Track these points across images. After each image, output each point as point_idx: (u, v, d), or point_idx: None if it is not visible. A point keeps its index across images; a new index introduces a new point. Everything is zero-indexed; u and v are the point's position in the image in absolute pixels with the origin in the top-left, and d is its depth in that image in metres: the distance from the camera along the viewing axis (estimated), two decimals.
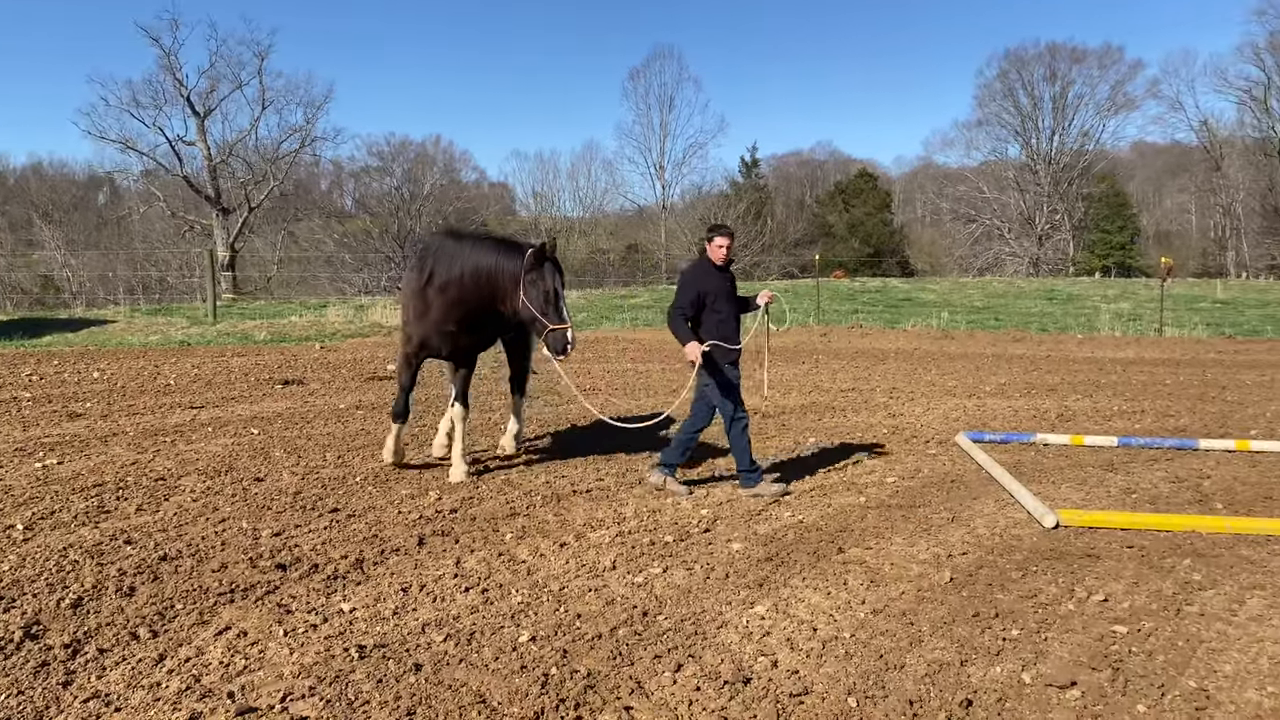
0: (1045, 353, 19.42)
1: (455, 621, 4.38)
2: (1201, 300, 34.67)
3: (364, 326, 21.14)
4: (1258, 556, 5.55)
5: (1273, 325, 26.50)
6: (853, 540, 5.88)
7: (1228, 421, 10.82)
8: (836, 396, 12.39)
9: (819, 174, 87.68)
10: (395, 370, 7.64)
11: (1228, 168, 69.07)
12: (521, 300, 6.71)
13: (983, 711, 3.60)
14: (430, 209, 66.46)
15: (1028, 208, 69.02)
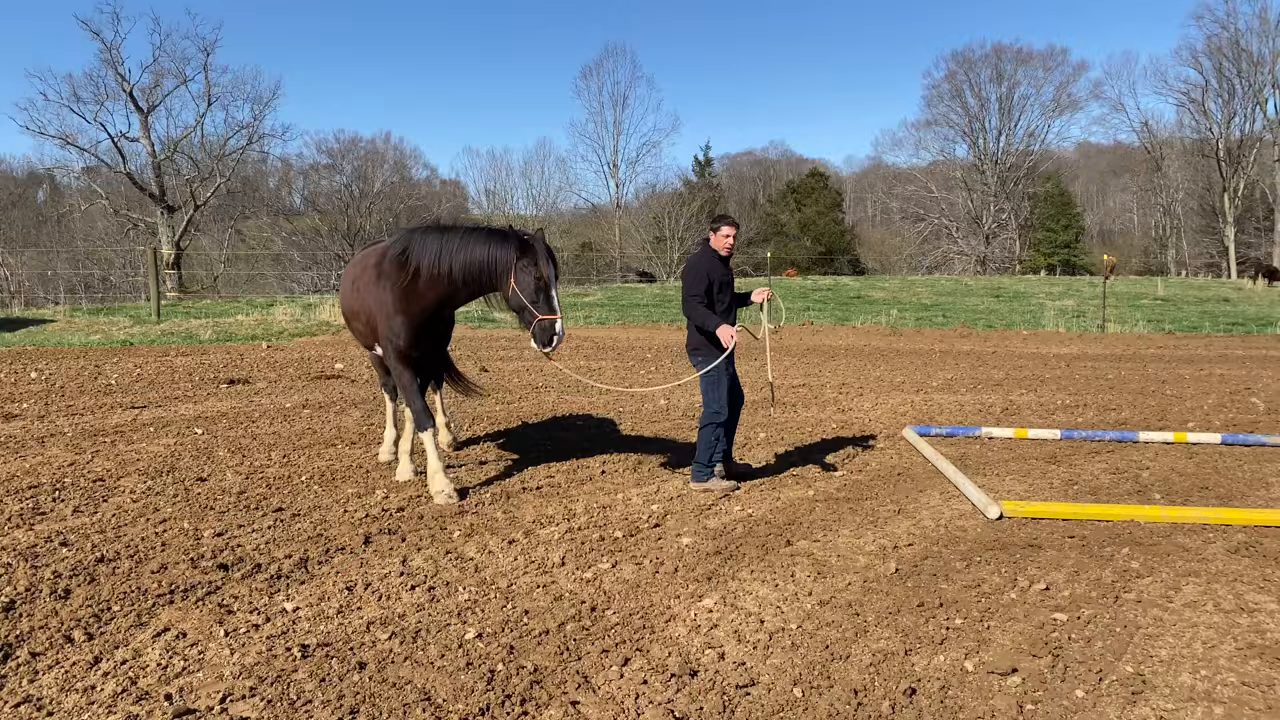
0: (991, 349, 19.73)
1: (401, 620, 4.33)
2: (1143, 297, 35.46)
3: (312, 325, 20.86)
4: (1193, 545, 5.68)
5: (1210, 321, 27.18)
6: (801, 533, 5.92)
7: (1166, 414, 11.07)
8: (787, 392, 12.47)
9: (771, 173, 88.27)
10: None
11: (1168, 168, 70.78)
12: (512, 288, 6.52)
13: (926, 700, 3.64)
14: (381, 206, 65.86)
15: (975, 207, 70.14)
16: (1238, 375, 15.21)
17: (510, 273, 6.49)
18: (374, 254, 7.12)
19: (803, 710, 3.54)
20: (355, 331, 7.61)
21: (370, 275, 6.95)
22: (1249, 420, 10.72)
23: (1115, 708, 3.57)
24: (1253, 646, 4.15)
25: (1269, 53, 63.70)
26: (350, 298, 7.38)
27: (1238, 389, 13.41)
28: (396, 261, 6.68)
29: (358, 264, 7.42)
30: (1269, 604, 4.67)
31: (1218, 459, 8.44)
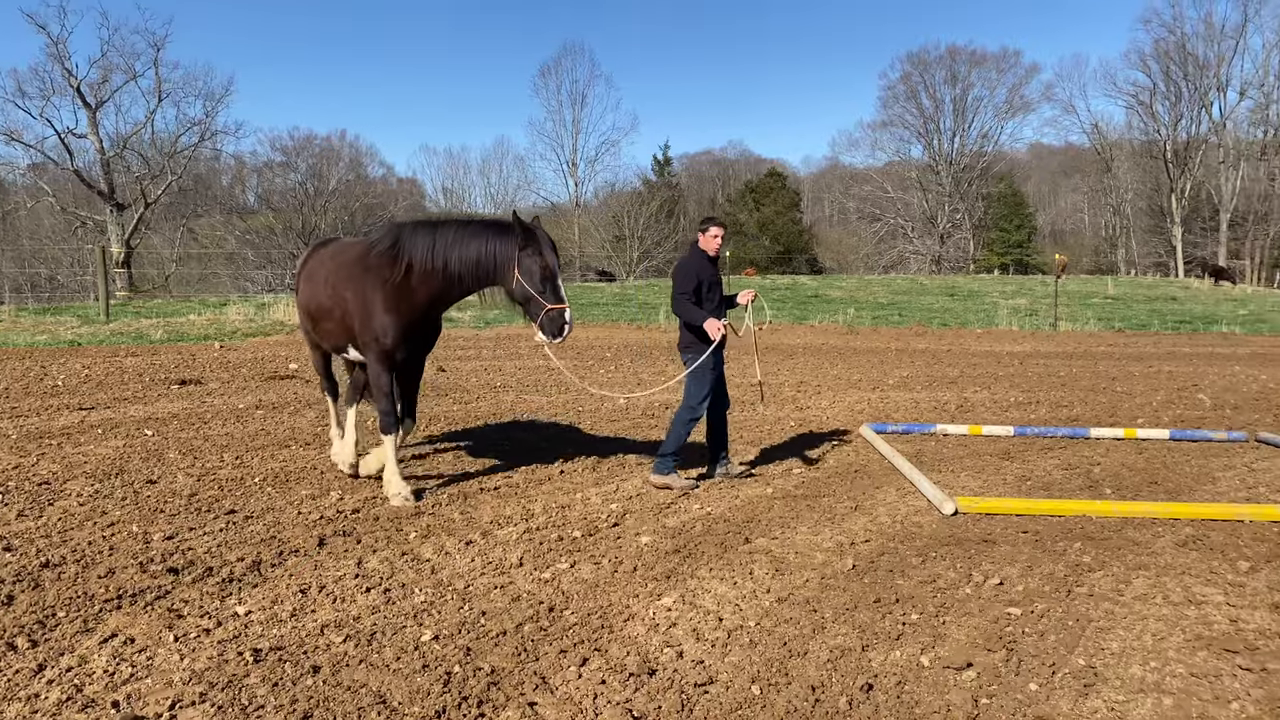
0: (946, 347, 19.96)
1: (356, 622, 4.27)
2: (1093, 296, 36.09)
3: (266, 325, 20.57)
4: (1143, 538, 5.78)
5: (1159, 320, 27.73)
6: (759, 530, 5.94)
7: (1117, 411, 11.27)
8: (746, 390, 12.50)
9: (730, 173, 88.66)
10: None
11: (1117, 169, 72.09)
12: (516, 280, 6.35)
13: (883, 695, 3.66)
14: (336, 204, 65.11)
15: (930, 207, 70.94)
16: (1185, 372, 15.53)
17: (513, 264, 6.34)
18: (353, 249, 6.84)
19: (761, 708, 3.54)
20: (324, 332, 7.05)
21: (351, 271, 6.62)
22: (1196, 416, 10.94)
23: (1068, 700, 3.62)
24: (1200, 638, 4.22)
25: (1214, 57, 65.16)
26: (320, 296, 6.92)
27: (1185, 385, 13.69)
28: (386, 257, 6.42)
29: (327, 260, 7.05)
30: (1215, 596, 4.76)
31: (1166, 454, 8.60)
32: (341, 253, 6.99)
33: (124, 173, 49.27)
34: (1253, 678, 3.81)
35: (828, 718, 3.48)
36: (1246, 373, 15.66)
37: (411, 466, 7.54)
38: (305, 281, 7.22)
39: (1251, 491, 7.22)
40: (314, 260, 7.30)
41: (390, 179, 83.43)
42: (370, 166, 77.40)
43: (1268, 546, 5.61)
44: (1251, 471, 7.92)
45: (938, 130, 72.91)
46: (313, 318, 7.14)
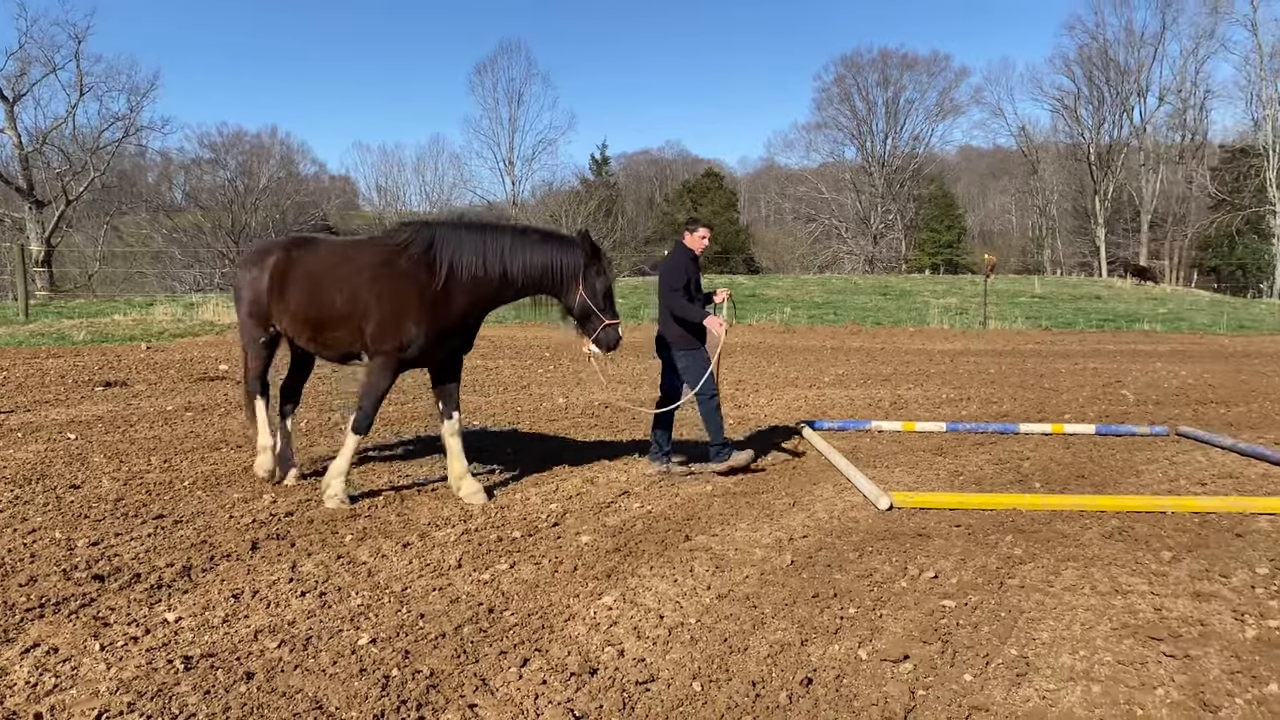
0: (880, 345, 20.29)
1: (290, 627, 4.19)
2: (1021, 295, 36.96)
3: (195, 325, 20.09)
4: (1071, 531, 5.93)
5: (1084, 318, 28.51)
6: (699, 528, 5.96)
7: (1045, 407, 11.56)
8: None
9: (668, 173, 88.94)
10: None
11: (1043, 171, 73.99)
12: (580, 295, 6.34)
13: (822, 689, 3.70)
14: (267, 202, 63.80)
15: (863, 208, 72.02)
16: (1110, 369, 15.99)
17: (578, 280, 6.32)
18: (370, 250, 6.41)
19: (702, 704, 3.55)
20: (328, 340, 6.53)
21: (376, 275, 6.22)
22: (1120, 411, 11.27)
23: (1001, 690, 3.69)
24: (1127, 626, 4.34)
25: (1134, 63, 67.22)
26: (328, 301, 6.38)
27: (1110, 382, 14.09)
28: (421, 261, 6.16)
29: (334, 262, 6.49)
30: (1141, 586, 4.90)
31: (1092, 448, 8.84)
32: (354, 254, 6.50)
33: (44, 169, 47.66)
34: (1176, 664, 3.92)
35: (768, 712, 3.50)
36: (1167, 369, 16.19)
37: None
38: (297, 285, 6.54)
39: (1173, 484, 7.45)
40: (306, 261, 6.61)
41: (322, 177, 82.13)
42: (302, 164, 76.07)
43: (1189, 536, 5.79)
44: (1173, 464, 8.17)
45: (870, 132, 74.12)
46: (312, 325, 6.54)
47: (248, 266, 6.89)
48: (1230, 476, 7.68)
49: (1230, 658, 3.98)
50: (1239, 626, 4.33)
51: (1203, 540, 5.71)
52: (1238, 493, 7.11)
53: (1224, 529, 5.95)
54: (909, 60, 72.91)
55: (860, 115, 73.86)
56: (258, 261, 6.80)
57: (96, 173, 48.17)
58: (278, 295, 6.63)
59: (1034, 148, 75.22)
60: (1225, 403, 12.07)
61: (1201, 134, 69.69)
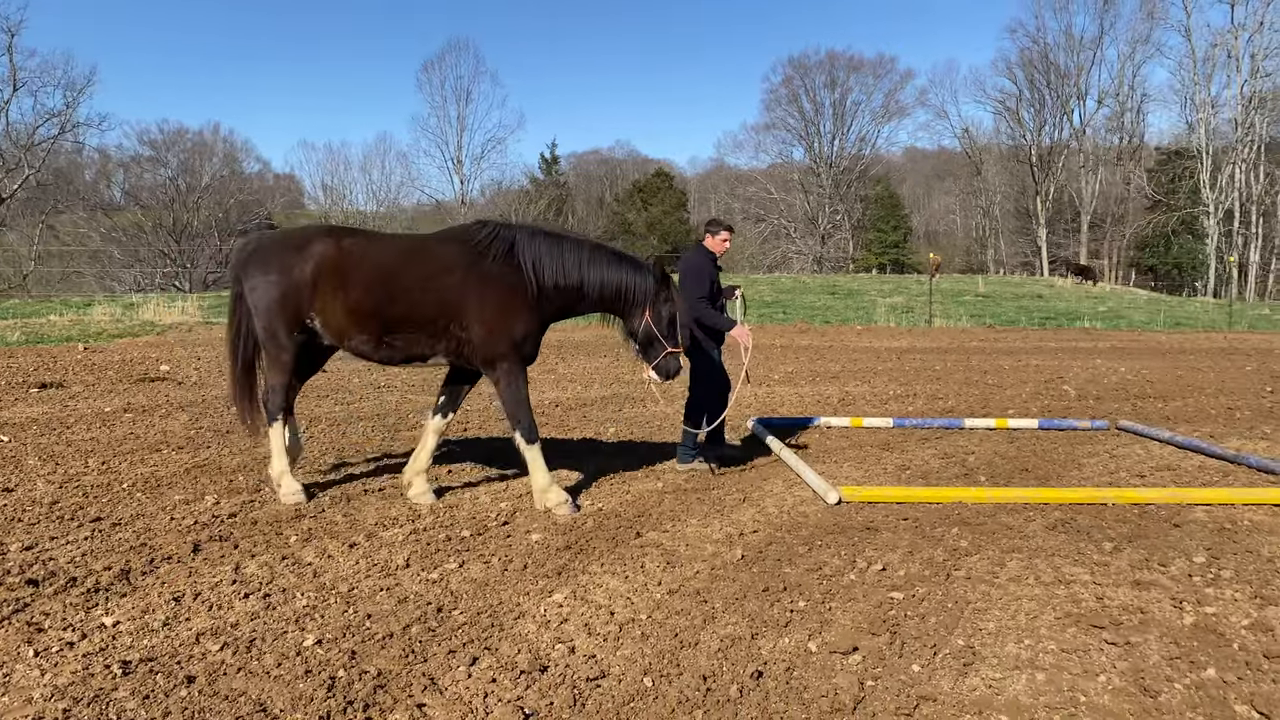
0: (828, 343, 20.47)
1: (233, 629, 4.10)
2: (965, 294, 37.55)
3: (135, 325, 19.65)
4: (1015, 523, 6.02)
5: (1026, 315, 29.04)
6: (650, 524, 5.96)
7: (989, 402, 11.74)
8: (636, 388, 12.56)
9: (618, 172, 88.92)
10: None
11: (986, 172, 75.32)
12: (646, 320, 6.35)
13: (772, 681, 3.71)
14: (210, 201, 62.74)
15: (811, 208, 72.68)
16: (1051, 365, 16.30)
17: (646, 306, 6.34)
18: (449, 248, 6.20)
19: (653, 699, 3.54)
20: (401, 340, 6.14)
21: (469, 275, 6.05)
22: (1062, 406, 11.49)
23: (949, 680, 3.73)
24: (1070, 615, 4.41)
25: (1074, 67, 68.69)
26: (407, 298, 6.06)
27: (1052, 378, 14.36)
28: (509, 263, 6.11)
29: (408, 258, 6.18)
30: (1083, 575, 4.98)
31: (1035, 443, 9.00)
32: (432, 250, 6.27)
33: None
34: (1117, 651, 4.00)
35: (719, 706, 3.50)
36: (1107, 365, 16.54)
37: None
38: (361, 278, 6.06)
39: (1114, 476, 7.61)
40: (373, 253, 6.17)
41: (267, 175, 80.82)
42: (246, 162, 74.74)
43: (1129, 527, 5.91)
44: (1114, 457, 8.34)
45: (818, 133, 74.87)
46: (381, 322, 6.09)
47: (274, 256, 6.18)
48: (1168, 469, 7.86)
49: (1169, 644, 4.06)
50: (1177, 614, 4.43)
51: (1142, 531, 5.83)
52: (1175, 484, 7.27)
53: (1162, 519, 6.09)
54: (855, 62, 73.82)
55: (808, 116, 74.62)
56: (294, 250, 6.14)
57: (31, 170, 46.96)
58: (329, 288, 6.06)
59: (977, 149, 76.56)
60: (1163, 397, 12.36)
61: (1138, 137, 71.45)
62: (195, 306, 26.22)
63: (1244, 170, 60.29)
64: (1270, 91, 59.68)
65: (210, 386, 11.91)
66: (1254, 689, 3.62)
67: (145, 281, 50.27)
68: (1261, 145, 59.84)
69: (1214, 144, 61.15)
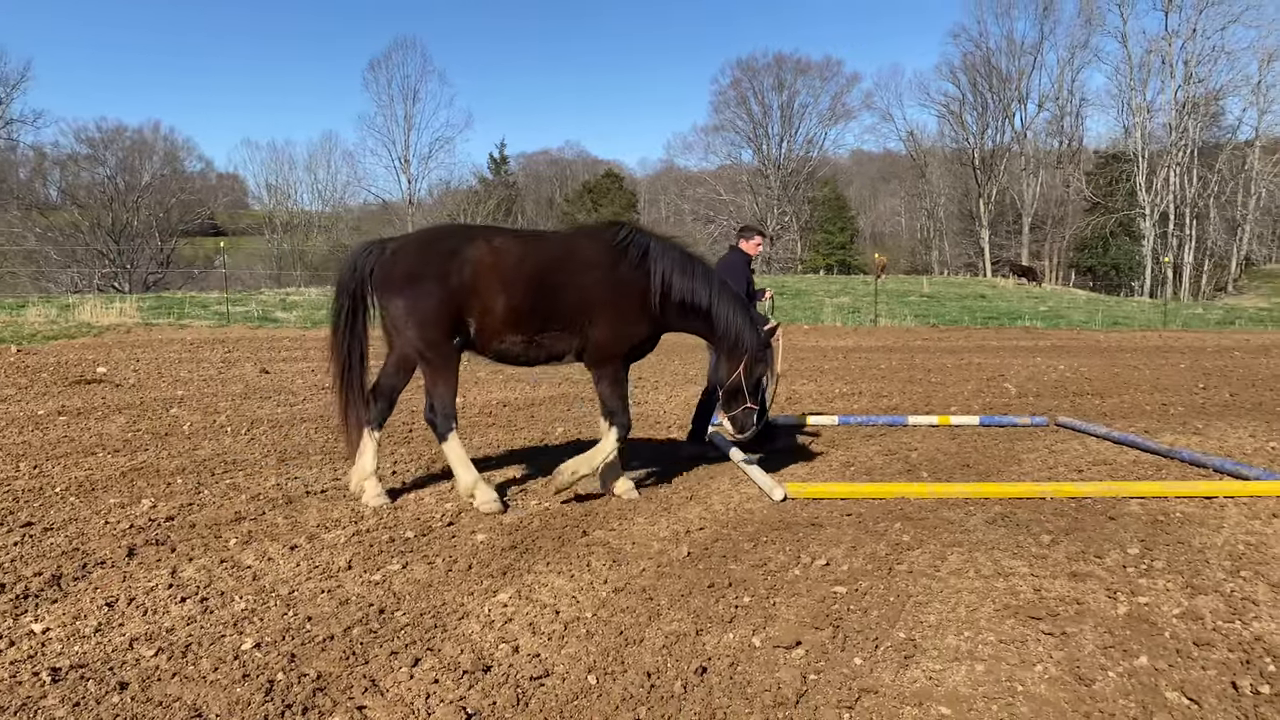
0: None
1: (169, 634, 4.01)
2: (910, 294, 38.05)
3: (71, 327, 19.17)
4: (956, 517, 6.11)
5: (969, 315, 29.51)
6: (597, 523, 5.95)
7: (932, 400, 11.91)
8: (585, 387, 12.53)
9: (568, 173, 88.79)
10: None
11: (931, 175, 76.49)
12: (738, 374, 6.64)
13: (716, 677, 3.72)
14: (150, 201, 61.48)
15: (760, 210, 73.19)
16: (993, 364, 16.59)
17: (747, 358, 6.57)
18: (589, 247, 6.30)
19: (597, 697, 3.53)
20: (545, 340, 6.18)
21: (604, 274, 6.17)
22: (1003, 403, 11.70)
23: (890, 672, 3.77)
24: (1008, 607, 4.49)
25: (1015, 71, 70.04)
26: (555, 297, 6.08)
27: (993, 376, 14.62)
28: (641, 269, 6.25)
29: (554, 257, 6.18)
30: (1021, 568, 5.07)
31: (977, 439, 9.15)
32: (574, 248, 6.32)
33: None
34: (1054, 641, 4.07)
35: (662, 702, 3.50)
36: (1047, 363, 16.88)
37: (233, 473, 7.16)
38: (520, 280, 6.00)
39: (1052, 471, 7.76)
40: (530, 254, 6.13)
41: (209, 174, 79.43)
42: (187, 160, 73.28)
43: (1066, 520, 6.03)
44: (1052, 452, 8.51)
45: (766, 135, 75.46)
46: (537, 324, 6.11)
47: (425, 265, 5.95)
48: (1105, 463, 8.04)
49: (1104, 634, 4.15)
50: (1112, 604, 4.52)
51: (1079, 524, 5.95)
52: (1111, 478, 7.44)
53: (1099, 512, 6.22)
54: (802, 65, 74.54)
55: (756, 119, 75.17)
56: (448, 256, 5.96)
57: None
58: (490, 291, 5.96)
59: (922, 152, 77.71)
60: (1100, 394, 12.64)
61: (1077, 140, 73.21)
62: (134, 308, 25.68)
63: (1178, 174, 62.01)
64: (1202, 97, 61.49)
65: (149, 388, 11.66)
66: (1184, 676, 3.72)
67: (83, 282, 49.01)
68: (1194, 149, 61.62)
69: (1149, 148, 62.83)
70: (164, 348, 17.64)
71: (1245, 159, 63.06)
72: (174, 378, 12.93)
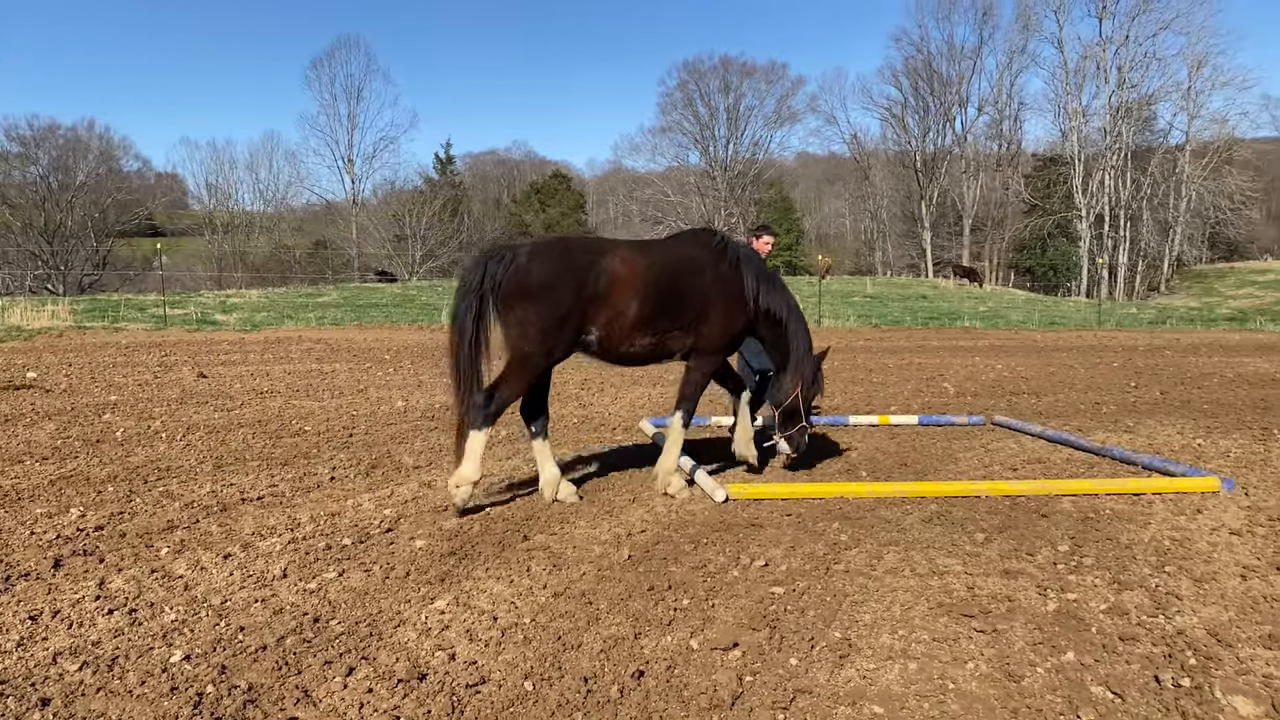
0: None
1: (95, 648, 3.91)
2: (854, 295, 38.51)
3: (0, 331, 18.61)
4: (893, 516, 6.20)
5: (911, 316, 29.92)
6: (538, 527, 5.92)
7: (873, 400, 12.07)
8: None
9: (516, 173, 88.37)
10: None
11: (874, 177, 77.52)
12: (797, 394, 7.27)
13: (653, 680, 3.73)
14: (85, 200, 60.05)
15: (708, 211, 73.51)
16: (933, 363, 16.85)
17: (807, 378, 7.29)
18: (702, 253, 6.82)
19: (533, 703, 3.52)
20: (669, 340, 6.61)
21: (713, 276, 6.75)
22: (941, 403, 11.89)
23: (825, 672, 3.82)
24: (942, 605, 4.56)
25: (955, 75, 71.25)
26: (687, 300, 6.56)
27: (933, 375, 14.85)
28: (735, 271, 6.90)
29: (681, 262, 6.65)
30: (955, 566, 5.16)
31: (915, 438, 9.29)
32: (685, 253, 6.79)
33: None
34: (986, 638, 4.15)
35: (599, 707, 3.50)
36: (985, 363, 17.19)
37: (167, 480, 7.02)
38: (650, 287, 6.37)
39: (988, 469, 7.90)
40: (657, 261, 6.53)
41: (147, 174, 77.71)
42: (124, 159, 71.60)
43: (1000, 518, 6.14)
44: (988, 451, 8.67)
45: (713, 137, 75.77)
46: (664, 325, 6.52)
47: (560, 275, 6.16)
48: (1038, 461, 8.21)
49: (1033, 630, 4.23)
50: (1041, 601, 4.62)
51: (1012, 521, 6.07)
52: (1044, 476, 7.60)
53: (1031, 510, 6.35)
54: (748, 68, 74.97)
55: (703, 120, 75.43)
56: (584, 268, 6.22)
57: None
58: (623, 299, 6.29)
59: (865, 155, 78.74)
60: (1036, 393, 12.91)
61: (1016, 143, 74.72)
62: (68, 310, 25.04)
63: (1113, 177, 63.61)
64: (1135, 102, 63.14)
65: (81, 394, 11.38)
66: (1109, 670, 3.81)
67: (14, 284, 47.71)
68: (1128, 153, 63.28)
69: (1085, 151, 64.36)
70: (98, 352, 17.22)
71: (1176, 163, 64.84)
72: (107, 382, 12.63)
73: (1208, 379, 14.87)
